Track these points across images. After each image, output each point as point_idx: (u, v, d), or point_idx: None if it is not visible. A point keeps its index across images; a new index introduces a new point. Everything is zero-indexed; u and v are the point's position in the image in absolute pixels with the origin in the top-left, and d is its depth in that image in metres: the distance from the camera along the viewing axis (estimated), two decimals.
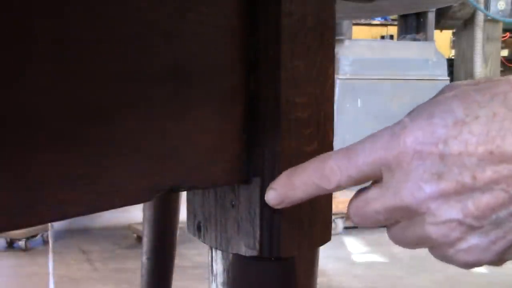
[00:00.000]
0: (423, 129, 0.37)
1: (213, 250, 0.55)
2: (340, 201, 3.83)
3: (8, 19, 0.35)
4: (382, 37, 5.43)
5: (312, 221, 0.52)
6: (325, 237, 0.54)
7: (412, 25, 4.57)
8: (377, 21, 7.27)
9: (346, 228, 3.99)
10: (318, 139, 0.52)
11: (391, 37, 5.06)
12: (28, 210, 0.37)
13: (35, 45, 0.37)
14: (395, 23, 5.52)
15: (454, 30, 5.27)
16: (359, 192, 0.42)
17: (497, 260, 0.38)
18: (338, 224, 3.91)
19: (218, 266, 0.55)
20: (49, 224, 2.20)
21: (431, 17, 4.50)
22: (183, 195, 0.81)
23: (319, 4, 0.51)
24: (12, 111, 0.36)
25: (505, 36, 5.35)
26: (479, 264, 0.38)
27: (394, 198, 0.38)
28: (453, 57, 5.24)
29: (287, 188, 0.43)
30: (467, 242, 0.37)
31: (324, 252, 0.61)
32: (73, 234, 3.64)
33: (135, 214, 3.29)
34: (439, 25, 4.92)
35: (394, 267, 3.32)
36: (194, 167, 0.47)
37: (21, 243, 3.36)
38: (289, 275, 0.51)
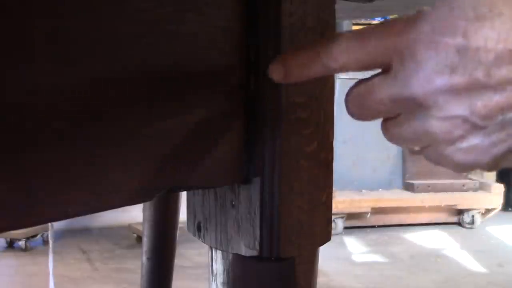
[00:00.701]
0: (442, 19, 0.35)
1: (213, 250, 0.55)
2: (340, 201, 3.84)
3: (9, 20, 0.35)
4: None
5: (312, 221, 0.52)
6: (325, 237, 0.54)
7: None
8: (377, 21, 7.27)
9: (346, 228, 3.99)
10: (318, 139, 0.52)
11: None
12: (28, 210, 0.37)
13: (36, 45, 0.37)
14: None
15: None
16: (362, 80, 0.39)
17: (492, 165, 0.37)
18: (338, 224, 3.91)
19: (218, 266, 0.55)
20: (49, 224, 2.20)
21: None
22: (183, 195, 0.81)
23: (319, 4, 0.51)
24: (12, 112, 0.36)
25: None
26: (474, 166, 0.37)
27: (402, 88, 0.36)
28: None
29: (292, 64, 0.41)
30: (468, 142, 0.36)
31: (324, 252, 0.61)
32: (73, 234, 3.64)
33: (135, 214, 3.29)
34: None
35: (394, 267, 3.32)
36: (194, 167, 0.47)
37: (21, 243, 3.36)
38: (289, 275, 0.51)
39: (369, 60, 0.38)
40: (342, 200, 3.85)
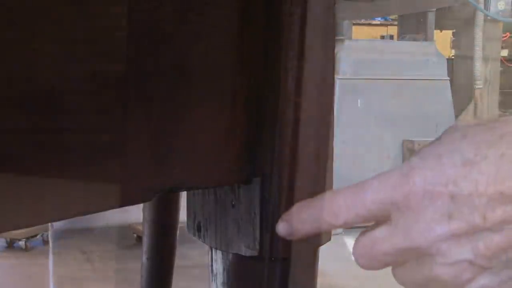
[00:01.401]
0: (432, 169, 0.36)
1: (213, 250, 0.55)
2: None
3: (9, 20, 0.35)
4: (382, 37, 5.43)
5: None
6: (325, 237, 0.54)
7: (412, 25, 4.57)
8: (377, 21, 7.27)
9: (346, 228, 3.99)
10: (318, 139, 0.52)
11: (391, 37, 5.06)
12: (28, 210, 0.37)
13: (36, 45, 0.37)
14: (395, 23, 5.52)
15: (454, 30, 5.27)
16: (365, 232, 0.41)
17: None
18: None
19: (218, 266, 0.55)
20: (49, 224, 2.20)
21: (431, 17, 4.51)
22: (183, 195, 0.81)
23: (319, 4, 0.51)
24: (11, 111, 0.36)
25: (505, 36, 5.35)
26: None
27: (404, 239, 0.38)
28: (453, 57, 5.24)
29: (296, 222, 0.43)
30: (478, 283, 0.37)
31: (324, 252, 0.61)
32: (73, 234, 3.64)
33: (135, 214, 3.28)
34: (439, 25, 4.92)
35: None
36: (194, 167, 0.47)
37: (21, 243, 3.36)
38: (289, 275, 0.51)
39: (369, 215, 0.39)
40: None
